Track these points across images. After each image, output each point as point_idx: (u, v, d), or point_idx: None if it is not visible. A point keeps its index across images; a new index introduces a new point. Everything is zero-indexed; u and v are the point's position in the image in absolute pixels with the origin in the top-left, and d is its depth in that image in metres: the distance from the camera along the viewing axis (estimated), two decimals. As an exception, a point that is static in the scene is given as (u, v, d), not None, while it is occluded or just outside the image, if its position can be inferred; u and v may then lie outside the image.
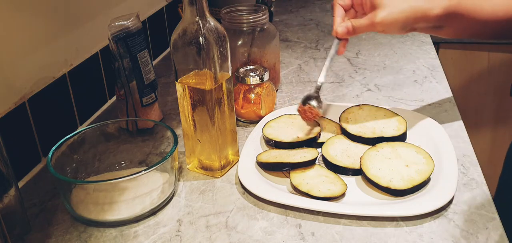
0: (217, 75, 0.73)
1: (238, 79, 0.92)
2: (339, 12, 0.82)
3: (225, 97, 0.76)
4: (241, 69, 0.94)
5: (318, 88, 0.84)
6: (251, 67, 0.95)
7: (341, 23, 0.80)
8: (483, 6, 0.76)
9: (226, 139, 0.78)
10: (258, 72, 0.92)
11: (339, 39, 0.82)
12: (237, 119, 0.91)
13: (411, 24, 0.77)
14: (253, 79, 0.91)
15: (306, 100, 0.83)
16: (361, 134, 0.82)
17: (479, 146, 1.55)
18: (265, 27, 1.00)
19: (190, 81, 0.74)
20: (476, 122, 1.59)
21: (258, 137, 0.86)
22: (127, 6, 1.10)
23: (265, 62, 1.01)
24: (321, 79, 0.84)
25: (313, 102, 0.83)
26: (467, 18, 0.76)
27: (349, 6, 0.83)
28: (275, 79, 1.05)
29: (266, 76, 0.92)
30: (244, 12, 1.01)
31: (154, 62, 1.25)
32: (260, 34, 1.00)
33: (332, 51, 0.82)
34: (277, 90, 1.07)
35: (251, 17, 0.98)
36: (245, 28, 0.99)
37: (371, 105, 0.89)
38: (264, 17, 0.99)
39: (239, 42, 0.99)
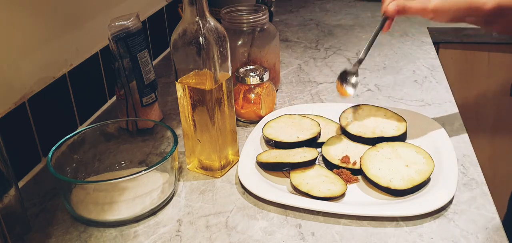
0: (217, 75, 0.73)
1: (238, 79, 0.92)
2: None
3: (225, 97, 0.76)
4: (241, 69, 0.94)
5: (359, 63, 0.83)
6: (251, 67, 0.95)
7: (392, 1, 0.78)
8: None
9: (226, 139, 0.78)
10: (258, 72, 0.92)
11: (387, 17, 0.80)
12: (237, 120, 0.91)
13: (462, 16, 0.75)
14: (253, 79, 0.91)
15: (343, 75, 0.83)
16: (361, 134, 0.82)
17: (479, 146, 1.55)
18: (265, 27, 1.00)
19: (190, 81, 0.74)
20: (476, 121, 1.59)
21: (258, 137, 0.86)
22: (127, 6, 1.10)
23: (265, 62, 1.00)
24: (362, 55, 0.82)
25: (353, 79, 0.83)
26: None
27: None
28: (275, 79, 1.05)
29: (266, 76, 0.92)
30: (244, 12, 1.01)
31: (154, 62, 1.25)
32: (260, 34, 1.00)
33: (377, 28, 0.81)
34: (277, 90, 1.07)
35: (251, 17, 0.98)
36: (245, 28, 0.99)
37: (371, 105, 0.89)
38: (264, 17, 0.99)
39: (239, 42, 0.99)
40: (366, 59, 1.19)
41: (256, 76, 0.91)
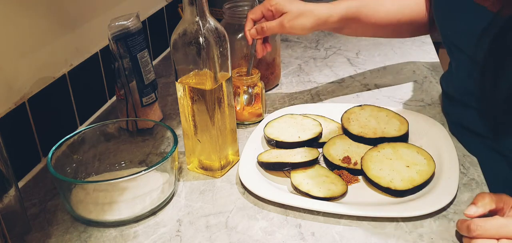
0: (217, 75, 0.73)
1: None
2: (250, 23, 0.91)
3: (225, 97, 0.76)
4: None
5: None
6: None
7: (251, 27, 0.91)
8: (378, 11, 0.92)
9: (226, 139, 0.78)
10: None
11: (254, 41, 0.91)
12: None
13: (315, 28, 0.90)
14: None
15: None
16: (363, 134, 0.81)
17: (479, 146, 1.54)
18: None
19: (190, 81, 0.74)
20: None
21: (258, 136, 0.86)
22: (127, 6, 1.10)
23: (265, 56, 1.01)
24: (249, 70, 0.93)
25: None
26: (363, 22, 0.91)
27: (260, 18, 0.91)
28: (275, 74, 1.05)
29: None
30: (246, 7, 1.02)
31: (154, 62, 1.25)
32: None
33: (252, 52, 0.92)
34: (276, 86, 1.07)
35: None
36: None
37: (373, 105, 0.89)
38: None
39: (239, 36, 1.00)
40: (366, 59, 1.19)
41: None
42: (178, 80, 0.75)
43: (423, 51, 1.21)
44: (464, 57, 0.77)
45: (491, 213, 0.61)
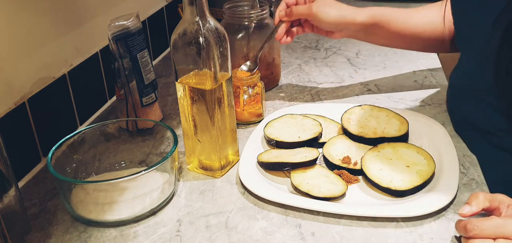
0: (217, 75, 0.73)
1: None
2: (282, 4, 0.94)
3: (225, 97, 0.76)
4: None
5: (256, 55, 0.94)
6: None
7: (283, 9, 0.93)
8: (408, 21, 0.92)
9: (226, 138, 0.78)
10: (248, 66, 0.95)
11: (280, 23, 0.93)
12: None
13: (341, 24, 0.91)
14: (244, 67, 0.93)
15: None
16: (363, 134, 0.81)
17: (479, 146, 1.54)
18: (266, 21, 1.01)
19: (190, 81, 0.74)
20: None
21: (258, 136, 0.86)
22: (127, 6, 1.10)
23: (265, 56, 1.01)
24: (257, 53, 0.94)
25: (244, 67, 0.94)
26: (390, 29, 0.92)
27: (294, 3, 0.93)
28: (275, 74, 1.05)
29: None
30: (246, 7, 1.02)
31: (154, 62, 1.25)
32: (261, 28, 1.00)
33: (272, 33, 0.93)
34: (276, 85, 1.07)
35: (252, 11, 1.00)
36: (246, 23, 1.00)
37: (373, 105, 0.89)
38: (265, 12, 1.00)
39: (239, 36, 1.00)
40: (367, 59, 1.19)
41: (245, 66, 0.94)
42: (178, 80, 0.75)
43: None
44: (477, 50, 0.76)
45: (488, 213, 0.62)
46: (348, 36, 0.95)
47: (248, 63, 0.94)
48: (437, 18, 0.92)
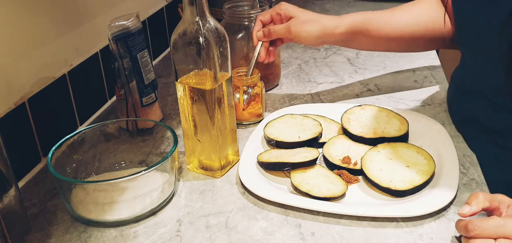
0: (217, 75, 0.73)
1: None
2: (258, 25, 0.93)
3: (225, 97, 0.76)
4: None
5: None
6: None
7: (260, 30, 0.92)
8: (389, 23, 0.91)
9: (226, 139, 0.78)
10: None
11: (260, 43, 0.92)
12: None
13: (322, 38, 0.90)
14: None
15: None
16: (363, 134, 0.81)
17: (479, 146, 1.54)
18: None
19: (190, 81, 0.74)
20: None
21: (258, 136, 0.86)
22: (127, 6, 1.10)
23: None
24: (249, 72, 0.92)
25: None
26: (373, 35, 0.91)
27: (269, 22, 0.93)
28: (275, 74, 1.05)
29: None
30: (246, 7, 1.02)
31: (154, 62, 1.25)
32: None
33: (255, 54, 0.92)
34: (276, 86, 1.07)
35: (252, 11, 1.00)
36: (246, 23, 1.00)
37: (373, 105, 0.89)
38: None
39: (239, 36, 1.00)
40: (367, 59, 1.19)
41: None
42: (178, 80, 0.75)
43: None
44: (485, 48, 0.75)
45: (488, 213, 0.62)
46: (329, 44, 0.95)
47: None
48: (422, 14, 0.91)
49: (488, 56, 0.75)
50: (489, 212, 0.62)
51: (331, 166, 0.77)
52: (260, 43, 0.92)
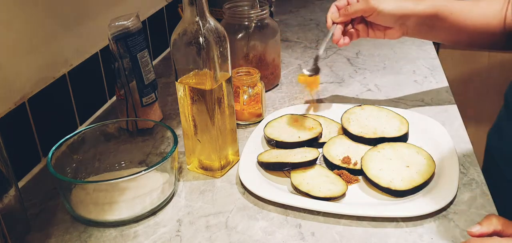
0: (217, 75, 0.73)
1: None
2: (333, 8, 0.88)
3: (225, 97, 0.76)
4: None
5: (315, 59, 0.90)
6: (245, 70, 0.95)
7: (334, 12, 0.87)
8: (472, 11, 0.85)
9: (226, 138, 0.78)
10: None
11: (334, 26, 0.87)
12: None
13: (401, 19, 0.84)
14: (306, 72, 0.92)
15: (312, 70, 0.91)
16: (363, 134, 0.81)
17: (479, 146, 1.55)
18: (266, 21, 1.01)
19: (190, 81, 0.74)
20: (476, 122, 1.59)
21: (258, 136, 0.86)
22: (127, 6, 1.10)
23: (265, 56, 1.01)
24: (320, 52, 0.90)
25: (305, 71, 0.91)
26: (452, 21, 0.85)
27: (345, 5, 0.87)
28: (275, 74, 1.05)
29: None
30: (246, 7, 1.03)
31: (154, 62, 1.25)
32: (261, 28, 1.00)
33: (327, 37, 0.88)
34: (276, 86, 1.07)
35: (252, 11, 1.00)
36: (246, 23, 1.00)
37: (373, 105, 0.89)
38: (265, 12, 1.00)
39: (239, 36, 1.00)
40: (367, 59, 1.19)
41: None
42: (178, 80, 0.75)
43: (423, 51, 1.21)
44: None
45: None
46: (407, 34, 0.88)
47: (308, 67, 0.91)
48: (500, 13, 0.84)
49: None
50: (501, 236, 0.59)
51: (331, 166, 0.77)
52: (334, 26, 0.87)
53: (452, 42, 0.91)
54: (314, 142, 0.83)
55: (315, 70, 0.91)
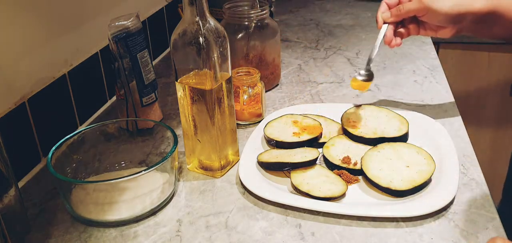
0: (217, 75, 0.73)
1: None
2: (383, 6, 0.84)
3: (225, 97, 0.76)
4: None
5: (368, 63, 0.86)
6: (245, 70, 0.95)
7: (385, 11, 0.83)
8: None
9: (226, 139, 0.78)
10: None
11: (385, 26, 0.83)
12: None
13: (457, 17, 0.79)
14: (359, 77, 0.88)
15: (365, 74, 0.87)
16: (363, 134, 0.82)
17: (479, 146, 1.55)
18: (266, 21, 1.01)
19: (190, 81, 0.74)
20: (476, 122, 1.59)
21: (258, 136, 0.86)
22: (127, 6, 1.10)
23: (265, 56, 1.01)
24: (372, 55, 0.85)
25: (359, 77, 0.86)
26: (507, 16, 0.79)
27: (396, 4, 0.84)
28: (275, 74, 1.05)
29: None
30: (246, 7, 1.03)
31: (154, 62, 1.25)
32: (261, 28, 1.00)
33: (379, 37, 0.83)
34: (276, 86, 1.07)
35: (252, 11, 1.00)
36: (246, 23, 1.00)
37: (373, 105, 0.89)
38: (265, 12, 1.00)
39: (239, 36, 1.00)
40: (366, 59, 1.19)
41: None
42: (178, 80, 0.75)
43: (423, 51, 1.21)
44: None
45: None
46: (461, 32, 0.83)
47: (362, 72, 0.86)
48: None
49: None
50: None
51: (331, 166, 0.77)
52: (385, 26, 0.83)
53: (510, 39, 0.85)
54: (314, 142, 0.83)
55: (369, 76, 0.86)
